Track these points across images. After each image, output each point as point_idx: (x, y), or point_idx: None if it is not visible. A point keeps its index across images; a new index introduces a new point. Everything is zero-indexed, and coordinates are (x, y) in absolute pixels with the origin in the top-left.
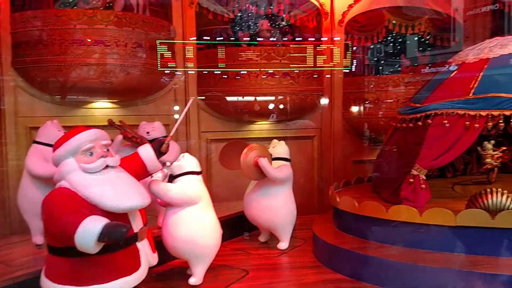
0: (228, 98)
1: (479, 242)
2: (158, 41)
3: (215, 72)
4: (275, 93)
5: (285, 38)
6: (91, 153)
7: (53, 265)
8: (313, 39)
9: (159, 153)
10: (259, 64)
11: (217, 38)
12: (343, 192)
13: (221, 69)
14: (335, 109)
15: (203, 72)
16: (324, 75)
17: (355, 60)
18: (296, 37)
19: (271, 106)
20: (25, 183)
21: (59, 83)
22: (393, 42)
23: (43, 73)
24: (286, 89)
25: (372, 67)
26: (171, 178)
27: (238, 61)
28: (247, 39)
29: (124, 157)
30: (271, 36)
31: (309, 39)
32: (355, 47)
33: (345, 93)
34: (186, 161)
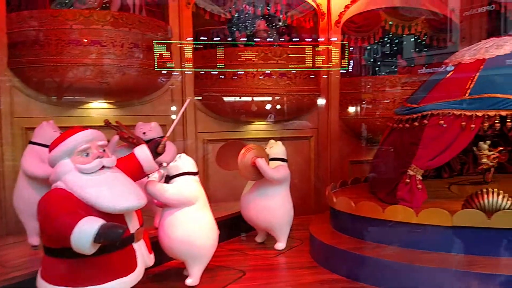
0: (225, 99)
1: (475, 242)
2: (155, 41)
3: (212, 73)
4: (272, 93)
5: (282, 39)
6: (87, 154)
7: (49, 266)
8: (310, 39)
9: (155, 153)
10: (256, 64)
11: (214, 39)
12: (340, 193)
13: (218, 69)
14: (332, 109)
15: (200, 73)
16: (321, 75)
17: (352, 61)
18: (293, 37)
19: (268, 107)
20: (21, 183)
21: (55, 83)
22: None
23: (39, 73)
24: (283, 89)
25: (369, 67)
26: (167, 179)
27: (235, 61)
28: (244, 39)
29: (121, 157)
30: (268, 36)
31: (306, 39)
32: (351, 48)
33: (342, 93)
34: (183, 162)
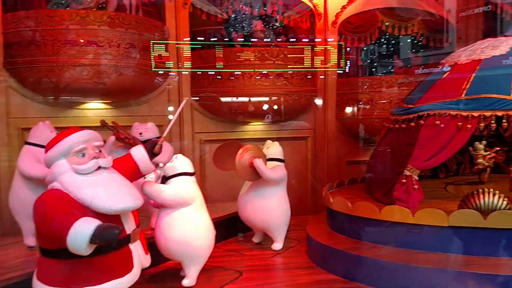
0: (222, 99)
1: (471, 242)
2: (152, 42)
3: (209, 73)
4: (269, 94)
5: (279, 39)
6: (83, 154)
7: (45, 267)
8: (306, 40)
9: (152, 154)
10: (253, 65)
11: (211, 39)
12: (337, 193)
13: (215, 69)
14: (328, 110)
15: (197, 73)
16: (318, 76)
17: (349, 61)
18: (290, 38)
19: (265, 107)
20: (17, 184)
21: (51, 83)
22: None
23: (36, 73)
24: (280, 90)
25: (366, 68)
26: (164, 179)
27: (232, 61)
28: (241, 40)
29: (117, 158)
30: (265, 37)
31: (302, 40)
32: (348, 48)
33: (338, 94)
34: (179, 162)
